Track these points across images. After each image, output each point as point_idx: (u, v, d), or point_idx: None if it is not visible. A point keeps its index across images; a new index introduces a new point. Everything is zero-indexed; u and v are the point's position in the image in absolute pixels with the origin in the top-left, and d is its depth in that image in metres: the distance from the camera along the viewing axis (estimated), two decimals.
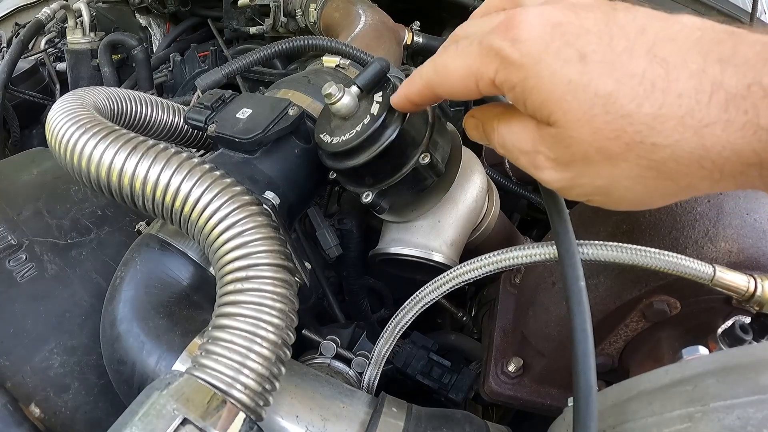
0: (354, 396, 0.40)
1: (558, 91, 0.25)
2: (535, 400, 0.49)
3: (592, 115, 0.25)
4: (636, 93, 0.24)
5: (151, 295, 0.39)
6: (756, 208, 0.40)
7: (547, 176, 0.29)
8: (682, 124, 0.23)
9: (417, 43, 0.99)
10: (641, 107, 0.24)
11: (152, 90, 1.12)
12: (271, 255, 0.34)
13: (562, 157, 0.27)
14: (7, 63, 1.02)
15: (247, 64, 0.57)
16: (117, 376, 0.38)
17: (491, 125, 0.32)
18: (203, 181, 0.36)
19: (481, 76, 0.28)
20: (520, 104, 0.28)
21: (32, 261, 0.47)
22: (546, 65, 0.26)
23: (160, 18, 1.35)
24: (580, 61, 0.25)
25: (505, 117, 0.31)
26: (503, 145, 0.31)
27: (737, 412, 0.26)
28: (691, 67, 0.23)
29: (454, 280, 0.40)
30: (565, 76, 0.25)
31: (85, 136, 0.37)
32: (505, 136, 0.31)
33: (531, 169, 0.30)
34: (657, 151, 0.24)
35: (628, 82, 0.24)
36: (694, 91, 0.23)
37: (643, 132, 0.24)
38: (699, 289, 0.38)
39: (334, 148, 0.42)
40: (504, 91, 0.28)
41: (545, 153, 0.28)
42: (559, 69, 0.25)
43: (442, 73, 0.31)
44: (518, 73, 0.27)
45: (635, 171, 0.25)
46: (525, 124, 0.29)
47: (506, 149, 0.31)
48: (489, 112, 0.33)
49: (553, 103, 0.26)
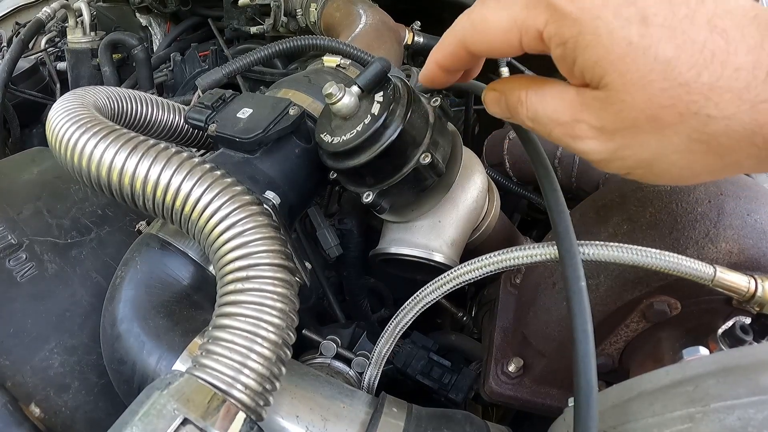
0: (354, 396, 0.40)
1: (616, 51, 0.24)
2: (535, 401, 0.49)
3: (649, 80, 0.24)
4: (695, 61, 0.23)
5: (151, 294, 0.39)
6: (756, 208, 0.40)
7: (589, 147, 0.27)
8: (738, 98, 0.23)
9: (417, 43, 0.99)
10: (700, 77, 0.23)
11: (152, 89, 1.12)
12: (271, 255, 0.34)
13: (609, 124, 0.26)
14: (7, 62, 1.02)
15: (248, 63, 0.57)
16: (117, 376, 0.38)
17: (516, 97, 0.30)
18: (204, 181, 0.36)
19: (527, 28, 0.27)
20: (566, 62, 0.26)
21: (32, 260, 0.47)
22: (605, 22, 0.24)
23: (160, 17, 1.35)
24: (641, 23, 0.24)
25: (534, 87, 0.29)
26: (534, 117, 0.29)
27: (738, 412, 0.26)
28: (749, 42, 0.23)
29: (454, 280, 0.40)
30: (625, 36, 0.24)
31: (85, 135, 0.37)
32: (536, 107, 0.29)
33: (568, 141, 0.28)
34: (711, 123, 0.23)
35: (689, 50, 0.23)
36: (751, 66, 0.22)
37: (699, 102, 0.23)
38: (699, 290, 0.38)
39: (335, 148, 0.42)
40: (551, 46, 0.26)
41: (588, 121, 0.26)
42: (619, 28, 0.24)
43: (480, 26, 0.29)
44: (572, 28, 0.25)
45: (684, 144, 0.24)
46: (562, 91, 0.28)
47: (537, 122, 0.29)
48: (513, 84, 0.31)
49: (610, 63, 0.24)
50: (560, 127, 0.28)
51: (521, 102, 0.30)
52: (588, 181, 0.68)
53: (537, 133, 0.31)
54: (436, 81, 0.36)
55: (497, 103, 0.32)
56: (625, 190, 0.46)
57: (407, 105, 0.41)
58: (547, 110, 0.28)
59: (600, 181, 0.67)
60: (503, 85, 0.32)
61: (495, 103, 0.33)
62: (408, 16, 1.00)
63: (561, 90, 0.28)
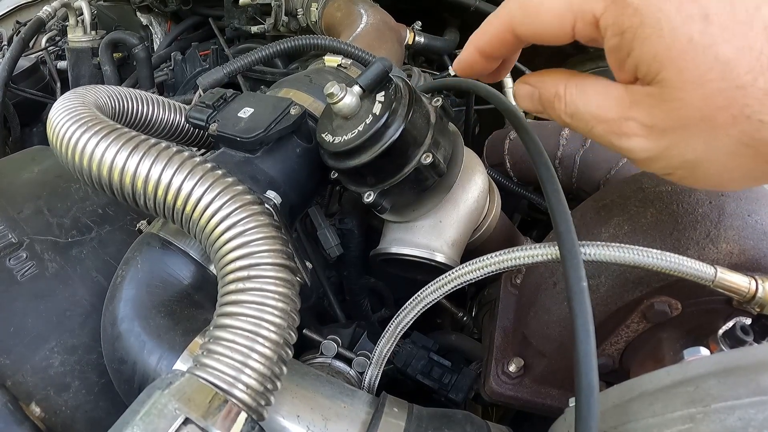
0: (355, 396, 0.40)
1: (677, 47, 0.23)
2: (535, 401, 0.49)
3: (707, 79, 0.23)
4: (753, 66, 0.23)
5: (152, 294, 0.39)
6: (757, 209, 0.40)
7: (635, 145, 0.26)
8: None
9: (418, 43, 0.99)
10: (756, 81, 0.23)
11: (153, 88, 1.12)
12: (272, 254, 0.34)
13: (661, 122, 0.25)
14: (7, 61, 1.02)
15: (249, 63, 0.57)
16: (118, 375, 0.38)
17: (553, 92, 0.29)
18: (205, 180, 0.36)
19: (583, 14, 0.26)
20: (619, 54, 0.26)
21: (33, 259, 0.47)
22: (667, 16, 0.24)
23: (161, 16, 1.35)
24: (703, 20, 0.23)
25: (574, 81, 0.28)
26: (574, 113, 0.28)
27: (738, 413, 0.26)
28: None
29: (456, 280, 0.40)
30: (686, 32, 0.23)
31: (86, 134, 0.37)
32: (577, 102, 0.28)
33: (611, 139, 0.27)
34: (762, 129, 0.23)
35: (747, 54, 0.23)
36: None
37: (753, 107, 0.23)
38: (700, 291, 0.38)
39: (336, 148, 0.42)
40: (606, 35, 0.26)
41: (639, 118, 0.26)
42: (681, 24, 0.23)
43: (531, 9, 0.28)
44: (633, 18, 0.24)
45: (733, 147, 0.24)
46: (607, 87, 0.27)
47: (578, 118, 0.28)
48: (550, 78, 0.30)
49: (669, 59, 0.24)
50: (604, 125, 0.27)
51: (559, 97, 0.29)
52: (588, 181, 0.68)
53: (574, 129, 0.30)
54: (474, 68, 0.34)
55: (529, 97, 0.31)
56: (626, 190, 0.46)
57: (409, 105, 0.41)
58: (590, 106, 0.28)
59: (600, 182, 0.67)
60: (538, 79, 0.31)
61: (527, 98, 0.31)
62: (409, 16, 1.00)
63: (606, 86, 0.27)
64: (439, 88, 0.62)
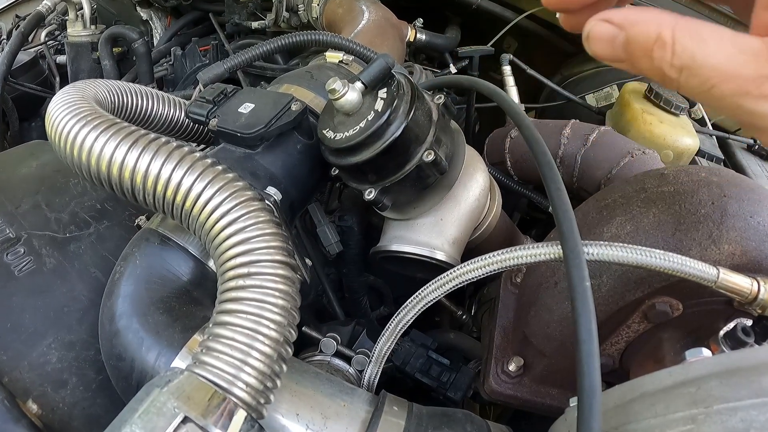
0: (354, 394, 0.40)
1: None
2: (535, 400, 0.49)
3: None
4: None
5: (150, 290, 0.39)
6: (759, 210, 0.40)
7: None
8: None
9: (420, 40, 0.98)
10: None
11: (153, 83, 1.12)
12: (273, 251, 0.34)
13: None
14: (6, 55, 1.01)
15: (250, 58, 0.57)
16: (116, 372, 0.38)
17: (654, 36, 0.23)
18: (205, 176, 0.35)
19: None
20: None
21: (30, 255, 0.47)
22: None
23: (161, 11, 1.34)
24: None
25: (687, 25, 0.23)
26: (687, 66, 0.23)
27: (740, 414, 0.26)
28: None
29: (457, 278, 0.40)
30: None
31: (85, 128, 0.37)
32: (694, 52, 0.22)
33: (743, 101, 0.22)
34: None
35: None
36: None
37: None
38: (701, 291, 0.38)
39: (338, 144, 0.42)
40: None
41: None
42: None
43: None
44: None
45: None
46: (737, 37, 0.22)
47: (692, 73, 0.23)
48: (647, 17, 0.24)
49: None
50: (733, 83, 0.22)
51: (665, 43, 0.23)
52: (590, 180, 0.68)
53: (677, 88, 0.24)
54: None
55: (609, 41, 0.25)
56: (628, 190, 0.45)
57: (411, 102, 0.41)
58: (714, 57, 0.22)
59: (602, 181, 0.67)
60: (625, 17, 0.24)
61: (606, 41, 0.25)
62: (410, 13, 1.00)
63: (734, 36, 0.22)
64: (440, 86, 0.61)
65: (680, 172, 0.44)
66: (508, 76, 0.86)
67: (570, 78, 1.02)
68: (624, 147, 0.67)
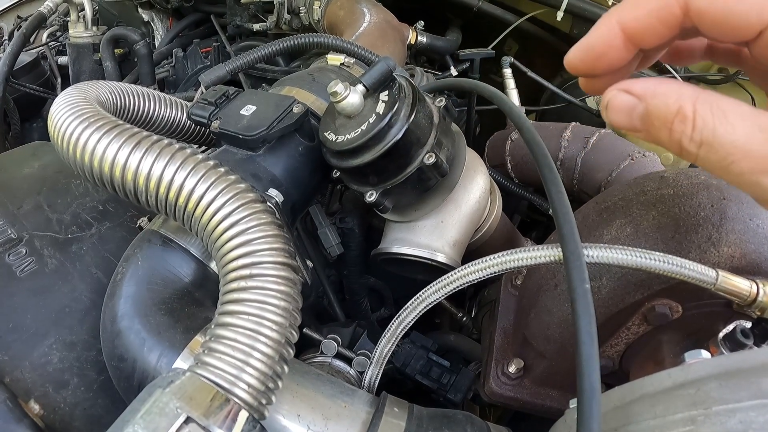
0: (355, 395, 0.40)
1: None
2: (535, 402, 0.49)
3: None
4: None
5: (152, 291, 0.39)
6: (759, 213, 0.40)
7: None
8: None
9: (421, 43, 0.99)
10: None
11: (154, 85, 1.12)
12: (275, 253, 0.34)
13: None
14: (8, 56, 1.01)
15: (252, 60, 0.57)
16: (117, 373, 0.38)
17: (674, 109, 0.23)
18: (207, 178, 0.36)
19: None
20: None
21: (32, 255, 0.47)
22: None
23: (162, 13, 1.35)
24: None
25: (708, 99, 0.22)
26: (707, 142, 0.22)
27: (739, 415, 0.26)
28: None
29: (458, 280, 0.40)
30: None
31: (88, 130, 0.37)
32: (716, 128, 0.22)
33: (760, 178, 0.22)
34: None
35: None
36: None
37: None
38: (700, 294, 0.38)
39: (339, 147, 0.42)
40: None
41: None
42: None
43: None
44: None
45: None
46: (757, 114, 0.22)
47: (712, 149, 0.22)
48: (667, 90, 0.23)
49: None
50: (752, 160, 0.22)
51: (686, 117, 0.23)
52: (590, 183, 0.68)
53: (696, 160, 0.23)
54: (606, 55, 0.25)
55: (628, 111, 0.25)
56: (628, 193, 0.46)
57: (412, 105, 0.41)
58: (733, 135, 0.22)
59: (602, 184, 0.67)
60: (645, 88, 0.24)
61: (624, 112, 0.25)
62: (411, 15, 1.00)
63: (754, 112, 0.22)
64: (441, 88, 0.62)
65: (680, 174, 0.44)
66: (508, 78, 0.87)
67: (570, 81, 1.03)
68: (624, 150, 0.67)
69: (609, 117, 0.26)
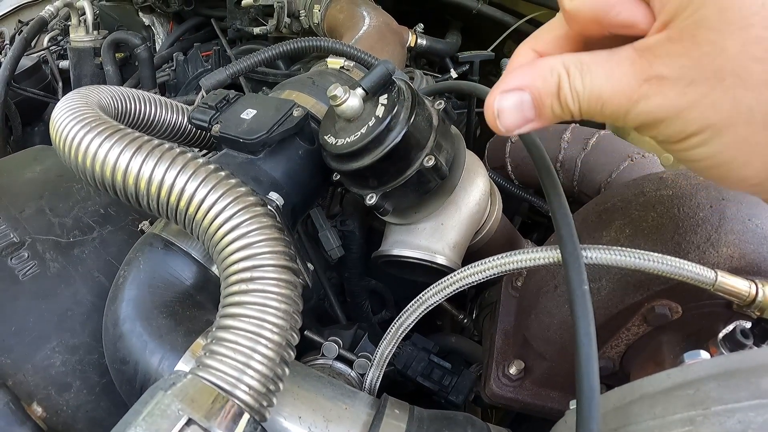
0: (356, 397, 0.40)
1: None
2: (536, 403, 0.49)
3: (748, 24, 0.21)
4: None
5: (154, 294, 0.39)
6: (757, 213, 0.40)
7: (652, 105, 0.23)
8: None
9: (420, 46, 0.99)
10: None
11: (155, 89, 1.13)
12: (275, 256, 0.34)
13: (687, 72, 0.22)
14: (9, 60, 1.02)
15: (252, 64, 0.57)
16: (119, 376, 0.38)
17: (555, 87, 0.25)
18: (208, 182, 0.36)
19: None
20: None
21: (34, 259, 0.47)
22: None
23: (163, 17, 1.35)
24: None
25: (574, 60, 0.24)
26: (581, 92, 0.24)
27: (738, 416, 0.26)
28: None
29: (458, 282, 0.40)
30: None
31: (90, 134, 0.37)
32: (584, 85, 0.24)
33: (629, 107, 0.23)
34: None
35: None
36: None
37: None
38: (700, 294, 0.38)
39: (339, 150, 0.42)
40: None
41: (662, 71, 0.22)
42: None
43: None
44: None
45: (763, 114, 0.21)
46: (619, 56, 0.23)
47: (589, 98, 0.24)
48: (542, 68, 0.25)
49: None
50: (618, 97, 0.23)
51: (563, 82, 0.24)
52: (590, 184, 0.69)
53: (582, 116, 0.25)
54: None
55: (518, 106, 0.26)
56: (627, 194, 0.46)
57: (411, 108, 0.41)
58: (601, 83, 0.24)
59: (602, 185, 0.67)
60: (522, 78, 0.25)
61: (516, 108, 0.26)
62: (411, 18, 1.01)
63: (610, 54, 0.23)
64: (441, 91, 0.62)
65: (679, 175, 0.45)
66: None
67: None
68: (624, 151, 0.67)
69: (504, 123, 0.27)
